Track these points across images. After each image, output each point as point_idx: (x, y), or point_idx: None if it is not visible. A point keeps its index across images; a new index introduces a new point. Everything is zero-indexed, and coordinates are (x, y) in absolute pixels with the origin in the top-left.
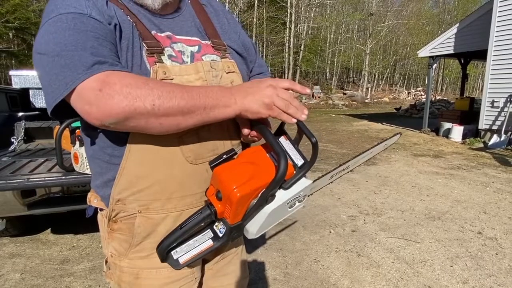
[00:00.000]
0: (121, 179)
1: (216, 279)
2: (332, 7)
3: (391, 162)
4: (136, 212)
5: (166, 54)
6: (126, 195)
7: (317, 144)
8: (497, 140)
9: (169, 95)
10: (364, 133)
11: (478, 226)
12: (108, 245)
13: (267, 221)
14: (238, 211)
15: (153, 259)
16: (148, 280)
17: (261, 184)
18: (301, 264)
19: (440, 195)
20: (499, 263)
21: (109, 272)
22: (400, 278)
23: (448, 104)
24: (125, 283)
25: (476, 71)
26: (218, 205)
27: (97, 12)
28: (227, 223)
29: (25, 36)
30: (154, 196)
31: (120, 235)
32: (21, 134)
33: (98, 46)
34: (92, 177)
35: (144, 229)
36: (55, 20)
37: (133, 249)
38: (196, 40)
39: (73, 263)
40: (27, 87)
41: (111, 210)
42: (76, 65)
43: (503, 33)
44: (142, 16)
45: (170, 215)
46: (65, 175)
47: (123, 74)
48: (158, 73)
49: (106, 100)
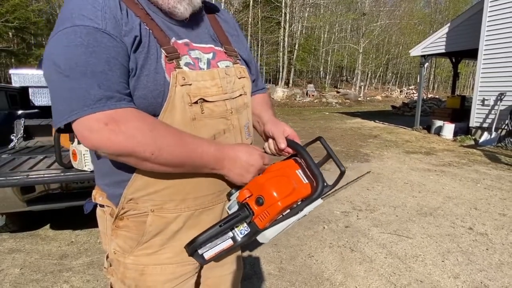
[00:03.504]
0: (137, 180)
1: (212, 270)
2: (326, 7)
3: (384, 159)
4: (148, 211)
5: (184, 61)
6: (140, 195)
7: (344, 173)
8: (487, 138)
9: (169, 150)
10: (357, 130)
11: (469, 222)
12: (111, 241)
13: (283, 230)
14: (274, 218)
15: (159, 255)
16: (153, 276)
17: (296, 199)
18: (296, 259)
19: (431, 192)
20: (490, 258)
21: (111, 269)
22: (393, 273)
23: (440, 102)
24: (130, 279)
25: (467, 69)
26: (255, 209)
27: (113, 25)
28: (255, 227)
29: (24, 36)
30: (170, 197)
31: (126, 232)
32: (20, 132)
33: (108, 71)
34: (99, 175)
35: (156, 227)
36: (69, 31)
37: (140, 246)
38: (210, 47)
39: (71, 258)
40: (26, 85)
41: (120, 208)
42: (84, 96)
43: (493, 33)
44: (160, 22)
45: (183, 214)
46: (64, 172)
47: (131, 114)
48: (177, 79)
49: (109, 134)
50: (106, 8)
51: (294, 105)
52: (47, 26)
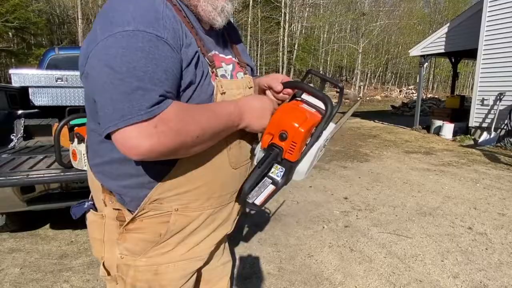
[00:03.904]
0: (168, 181)
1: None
2: (325, 7)
3: (383, 159)
4: (172, 210)
5: (220, 72)
6: (168, 195)
7: (343, 89)
8: (487, 138)
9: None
10: (356, 130)
11: (469, 222)
12: (116, 246)
13: (312, 160)
14: (301, 147)
15: (173, 253)
16: (168, 274)
17: (312, 123)
18: (295, 258)
19: (431, 191)
20: (489, 258)
21: (116, 275)
22: (392, 273)
23: (439, 102)
24: (142, 281)
25: (467, 69)
26: (282, 144)
27: (173, 36)
28: (288, 162)
29: (24, 36)
30: (197, 196)
31: (139, 234)
32: (20, 132)
33: (164, 80)
34: (113, 178)
35: (178, 225)
36: (131, 35)
37: (156, 246)
38: (230, 58)
39: (71, 258)
40: (26, 85)
41: (140, 209)
42: (138, 100)
43: (492, 33)
44: (199, 32)
45: (205, 212)
46: (64, 172)
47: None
48: (218, 87)
49: (159, 137)
50: (166, 17)
51: None
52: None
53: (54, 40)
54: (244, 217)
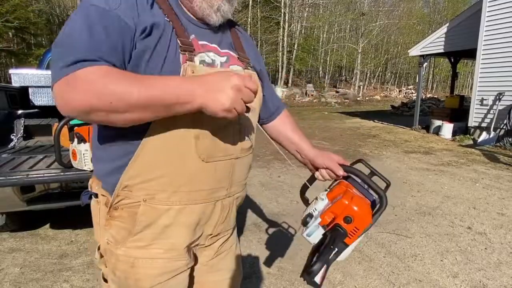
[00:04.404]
0: (134, 165)
1: (210, 275)
2: (325, 7)
3: (383, 159)
4: (141, 200)
5: (199, 58)
6: (135, 182)
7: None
8: (486, 137)
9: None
10: (356, 130)
11: (468, 222)
12: (105, 232)
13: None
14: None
15: (150, 250)
16: (144, 269)
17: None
18: (295, 258)
19: (430, 191)
20: (488, 258)
21: (103, 259)
22: (392, 272)
23: (439, 102)
24: (120, 271)
25: (466, 69)
26: (346, 227)
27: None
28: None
29: (24, 36)
30: (162, 187)
31: (120, 222)
32: (20, 132)
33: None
34: (98, 165)
35: (146, 218)
36: (79, 10)
37: (131, 238)
38: (226, 52)
39: (71, 258)
40: (26, 85)
41: (115, 195)
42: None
43: (492, 33)
44: (185, 21)
45: (174, 208)
46: (64, 172)
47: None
48: (187, 71)
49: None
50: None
51: (293, 105)
52: (47, 26)
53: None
54: (243, 217)
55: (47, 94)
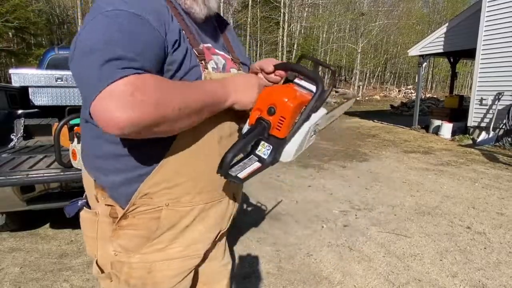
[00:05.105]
0: (157, 174)
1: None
2: (325, 7)
3: (382, 159)
4: (162, 205)
5: (211, 65)
6: (157, 189)
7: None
8: (485, 137)
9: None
10: (355, 130)
11: (467, 221)
12: (111, 243)
13: (301, 142)
14: (290, 123)
15: (168, 251)
16: (162, 272)
17: (303, 100)
18: (294, 258)
19: (430, 191)
20: (487, 257)
21: (110, 272)
22: (391, 272)
23: (438, 102)
24: (136, 278)
25: (465, 69)
26: (270, 119)
27: (157, 18)
28: (276, 138)
29: (24, 36)
30: (187, 190)
31: (133, 230)
32: (20, 131)
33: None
34: (105, 174)
35: (169, 221)
36: (111, 14)
37: (150, 243)
38: (223, 54)
39: (71, 257)
40: (26, 85)
41: (131, 204)
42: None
43: (491, 33)
44: (189, 24)
45: (196, 207)
46: (64, 171)
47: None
48: (206, 79)
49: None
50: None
51: None
52: (47, 26)
53: (54, 40)
54: (243, 216)
55: (47, 94)
